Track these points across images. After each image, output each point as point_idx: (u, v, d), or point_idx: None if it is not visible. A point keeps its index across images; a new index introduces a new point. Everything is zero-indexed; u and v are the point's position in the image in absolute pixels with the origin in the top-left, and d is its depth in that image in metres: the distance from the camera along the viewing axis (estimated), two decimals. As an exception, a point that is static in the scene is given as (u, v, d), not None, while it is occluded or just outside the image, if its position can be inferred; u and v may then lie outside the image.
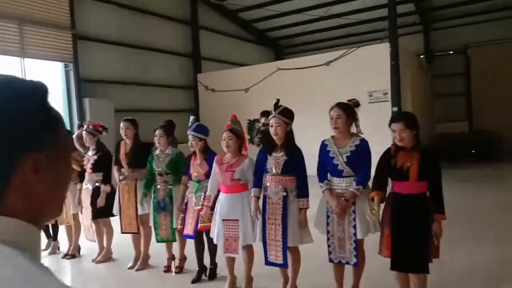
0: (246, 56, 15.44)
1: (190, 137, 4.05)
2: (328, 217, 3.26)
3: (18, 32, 8.61)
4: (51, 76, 9.80)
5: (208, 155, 3.96)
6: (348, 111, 3.24)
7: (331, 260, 3.30)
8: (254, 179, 3.49)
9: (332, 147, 3.25)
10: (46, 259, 5.35)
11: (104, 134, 5.08)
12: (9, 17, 8.44)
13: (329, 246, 3.28)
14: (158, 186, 4.35)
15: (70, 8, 9.59)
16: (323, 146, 3.32)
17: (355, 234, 3.19)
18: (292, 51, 17.34)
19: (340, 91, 8.60)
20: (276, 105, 3.41)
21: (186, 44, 13.28)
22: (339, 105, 3.25)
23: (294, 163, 3.33)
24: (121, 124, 4.63)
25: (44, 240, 5.60)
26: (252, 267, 3.76)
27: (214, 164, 3.75)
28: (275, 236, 3.34)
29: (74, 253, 5.28)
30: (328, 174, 3.31)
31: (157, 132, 4.43)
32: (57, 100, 9.89)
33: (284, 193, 3.32)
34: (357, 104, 3.32)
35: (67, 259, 5.22)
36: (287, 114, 3.36)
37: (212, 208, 3.77)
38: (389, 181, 3.16)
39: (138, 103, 11.43)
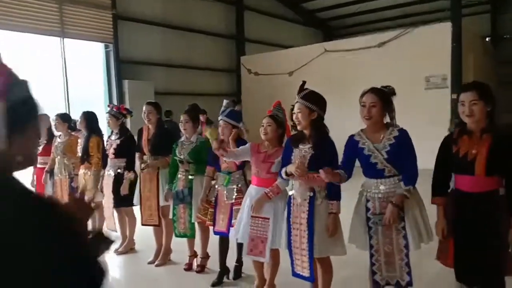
0: (293, 38, 14.71)
1: (221, 123, 3.58)
2: (370, 228, 2.64)
3: (58, 11, 8.50)
4: (91, 57, 9.70)
5: (239, 144, 3.48)
6: (384, 98, 2.59)
7: (376, 283, 2.65)
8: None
9: (366, 142, 2.62)
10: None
11: (129, 118, 4.74)
12: (49, -4, 8.34)
13: (373, 264, 2.64)
14: (179, 176, 3.93)
15: (110, -13, 9.40)
16: (354, 142, 2.68)
17: (406, 246, 2.58)
18: (343, 32, 16.39)
19: (393, 76, 7.83)
20: (301, 88, 2.81)
21: (229, 25, 12.81)
22: (374, 90, 2.61)
23: (323, 158, 2.71)
24: (144, 108, 4.25)
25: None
26: (276, 273, 3.26)
27: (249, 149, 3.23)
28: (300, 244, 2.78)
29: (97, 242, 5.03)
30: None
31: (182, 117, 4.01)
32: (97, 81, 9.81)
33: (311, 194, 2.75)
34: (392, 92, 2.67)
35: (90, 247, 4.97)
36: (312, 99, 2.74)
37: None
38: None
39: (179, 85, 11.17)
